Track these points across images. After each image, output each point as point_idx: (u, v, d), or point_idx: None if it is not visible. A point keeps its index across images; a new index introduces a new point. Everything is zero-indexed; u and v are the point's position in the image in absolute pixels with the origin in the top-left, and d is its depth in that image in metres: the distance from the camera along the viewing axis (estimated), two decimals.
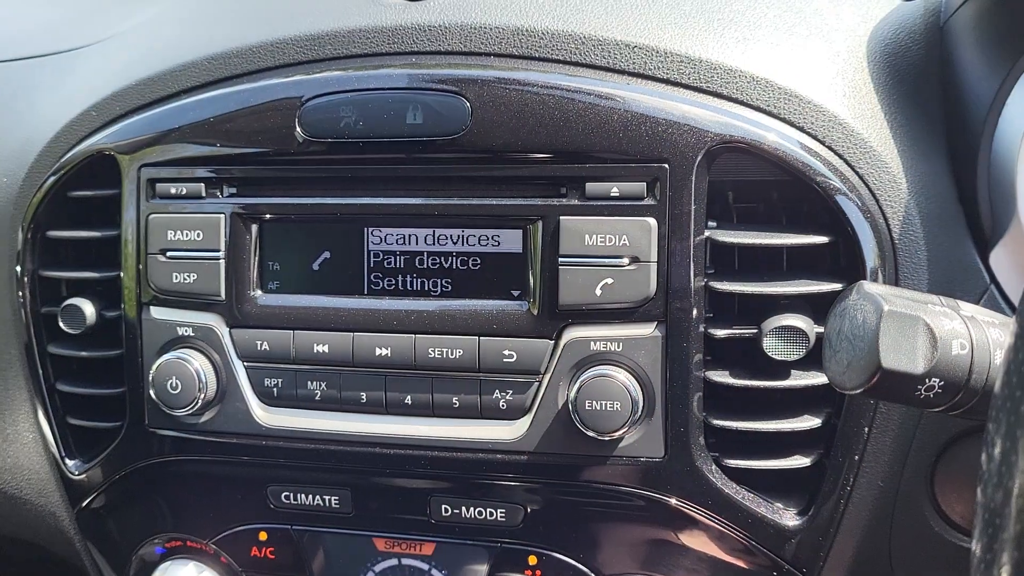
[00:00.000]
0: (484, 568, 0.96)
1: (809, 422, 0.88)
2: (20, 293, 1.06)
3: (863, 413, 0.87)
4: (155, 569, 1.05)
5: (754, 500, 0.89)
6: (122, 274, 1.00)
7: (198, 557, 1.04)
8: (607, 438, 0.87)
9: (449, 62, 0.92)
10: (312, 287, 0.95)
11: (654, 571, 0.92)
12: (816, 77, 0.89)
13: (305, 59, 0.96)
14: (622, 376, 0.86)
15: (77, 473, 1.08)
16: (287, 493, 0.99)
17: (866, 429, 0.88)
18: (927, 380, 0.66)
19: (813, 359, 0.86)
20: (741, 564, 0.91)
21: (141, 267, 0.98)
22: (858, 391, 0.67)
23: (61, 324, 1.03)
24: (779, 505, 0.90)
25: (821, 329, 0.85)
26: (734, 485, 0.89)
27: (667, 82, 0.88)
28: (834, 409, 0.89)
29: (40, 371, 1.08)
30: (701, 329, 0.87)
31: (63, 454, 1.09)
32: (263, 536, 1.01)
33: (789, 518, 0.89)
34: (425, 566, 0.99)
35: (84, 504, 1.09)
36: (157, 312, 0.99)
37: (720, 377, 0.88)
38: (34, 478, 1.13)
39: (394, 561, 1.00)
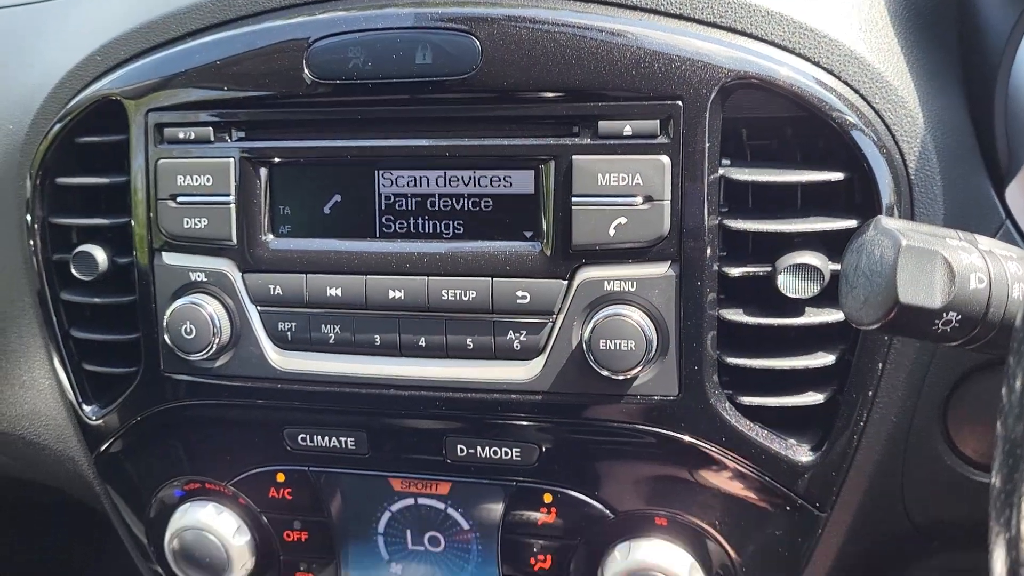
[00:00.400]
0: (500, 507, 0.98)
1: (823, 359, 0.88)
2: (31, 241, 1.06)
3: (877, 349, 0.88)
4: (174, 511, 1.06)
5: (768, 437, 0.90)
6: (132, 220, 1.00)
7: (217, 499, 1.05)
8: (621, 377, 0.87)
9: (457, 0, 0.90)
10: (323, 231, 0.95)
11: (668, 508, 0.93)
12: (831, 11, 0.87)
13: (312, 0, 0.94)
14: (636, 315, 0.86)
15: (94, 418, 1.09)
16: (303, 435, 1.00)
17: (880, 365, 0.88)
18: (944, 315, 0.65)
19: (827, 296, 0.86)
20: (755, 500, 0.91)
21: (151, 213, 0.98)
22: (875, 327, 0.66)
23: (73, 271, 1.03)
24: (792, 442, 0.90)
25: (836, 267, 0.84)
26: (748, 422, 0.89)
27: (680, 17, 0.87)
28: (848, 346, 0.89)
29: (54, 318, 1.08)
30: (715, 268, 0.87)
31: (80, 400, 1.09)
32: (280, 478, 1.02)
33: (802, 454, 0.90)
34: (441, 505, 1.01)
35: (102, 449, 1.10)
36: (169, 258, 0.99)
37: (734, 316, 0.87)
38: (52, 424, 1.14)
39: (410, 501, 1.01)
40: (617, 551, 0.94)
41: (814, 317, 0.87)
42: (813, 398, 0.89)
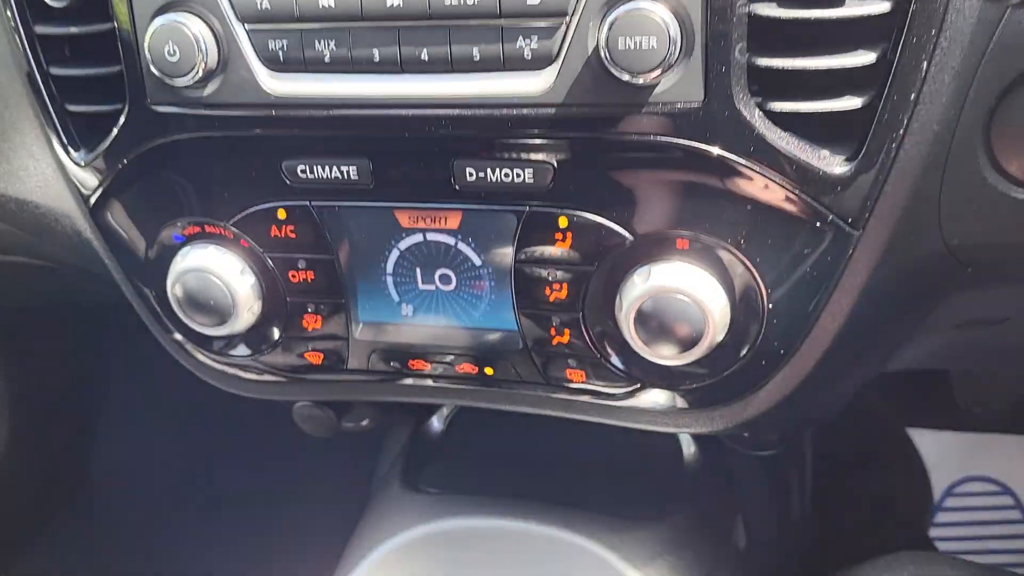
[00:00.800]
0: (512, 236, 0.93)
1: (863, 57, 0.80)
2: None
3: (923, 47, 0.80)
4: (175, 256, 1.02)
5: (799, 146, 0.83)
6: None
7: (218, 241, 1.01)
8: (641, 81, 0.80)
9: None
10: None
11: (690, 228, 0.88)
12: None
13: None
14: (659, 10, 0.78)
15: (83, 164, 1.03)
16: (303, 167, 0.94)
17: (925, 64, 0.80)
18: None
19: None
20: (783, 217, 0.86)
21: None
22: None
23: None
24: (826, 152, 0.84)
25: None
26: (779, 130, 0.83)
27: None
28: (890, 44, 0.81)
29: (30, 54, 1.00)
30: None
31: (66, 143, 1.04)
32: (282, 214, 0.97)
33: (837, 165, 0.84)
34: (451, 240, 0.96)
35: (95, 199, 1.05)
36: None
37: (767, 9, 0.79)
38: (42, 179, 1.08)
39: (419, 237, 0.97)
40: (636, 276, 0.89)
41: (855, 8, 0.79)
42: (850, 102, 0.82)
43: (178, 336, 1.13)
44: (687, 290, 0.87)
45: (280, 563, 1.75)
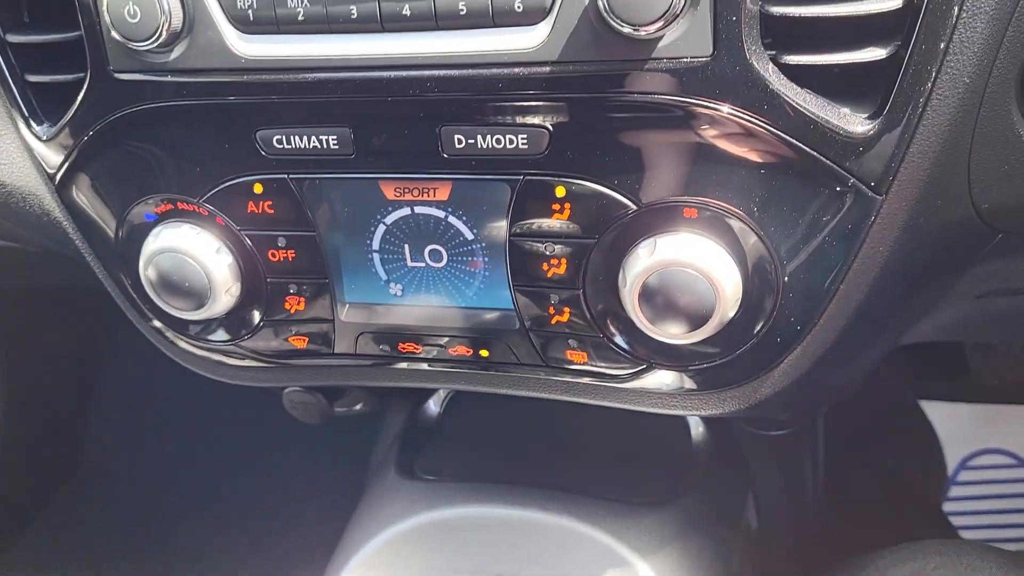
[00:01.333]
0: (506, 207, 0.86)
1: (889, 3, 0.73)
2: None
3: None
4: (146, 236, 0.95)
5: (817, 103, 0.76)
6: None
7: (192, 219, 0.94)
8: (643, 34, 0.72)
9: None
10: None
11: (699, 196, 0.81)
12: None
13: None
14: None
15: (46, 139, 0.97)
16: (279, 137, 0.87)
17: (956, 10, 0.73)
18: None
19: None
20: (800, 182, 0.79)
21: None
22: None
23: None
24: (846, 110, 0.77)
25: None
26: (795, 87, 0.76)
27: None
28: None
29: None
30: None
31: (27, 116, 0.97)
32: (258, 189, 0.91)
33: (858, 124, 0.77)
34: (441, 213, 0.89)
35: (60, 175, 0.98)
36: None
37: None
38: (5, 156, 1.02)
39: (406, 211, 0.90)
40: (641, 248, 0.82)
41: None
42: (874, 53, 0.75)
43: (156, 323, 1.06)
44: (696, 263, 0.81)
45: (275, 553, 1.70)
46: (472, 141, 0.82)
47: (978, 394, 2.21)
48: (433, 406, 1.41)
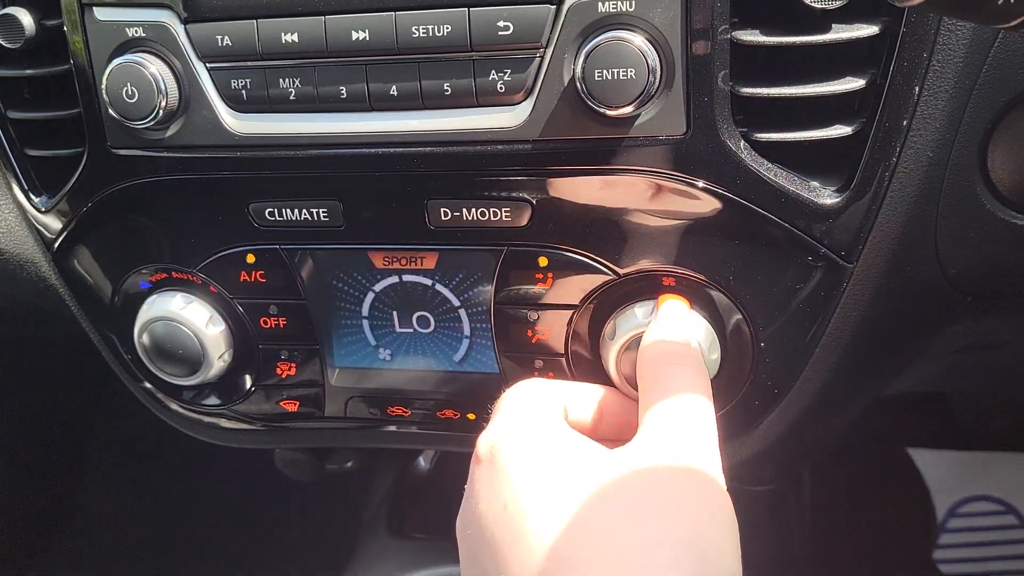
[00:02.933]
0: (491, 277, 0.89)
1: (852, 83, 0.77)
2: None
3: (914, 71, 0.76)
4: (141, 305, 0.98)
5: (788, 178, 0.79)
6: None
7: (185, 288, 0.97)
8: (620, 114, 0.76)
9: None
10: None
11: (676, 266, 0.84)
12: None
13: None
14: (636, 40, 0.74)
15: (44, 210, 0.99)
16: (271, 209, 0.90)
17: (916, 89, 0.77)
18: None
19: (857, 8, 0.74)
20: (774, 251, 0.82)
21: None
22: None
23: None
24: (816, 184, 0.80)
25: None
26: (765, 162, 0.79)
27: None
28: (879, 70, 0.77)
29: None
30: None
31: (27, 189, 0.99)
32: (251, 259, 0.93)
33: (827, 196, 0.80)
34: (428, 281, 0.92)
35: (57, 245, 1.01)
36: (101, 13, 0.86)
37: (750, 36, 0.76)
38: (3, 224, 1.04)
39: (394, 279, 0.93)
40: (621, 315, 0.85)
41: (842, 32, 0.75)
42: (840, 130, 0.78)
43: (147, 385, 1.08)
44: None
45: None
46: (458, 214, 0.85)
47: (966, 441, 2.22)
48: (423, 463, 1.43)
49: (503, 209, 0.84)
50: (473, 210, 0.85)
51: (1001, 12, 0.55)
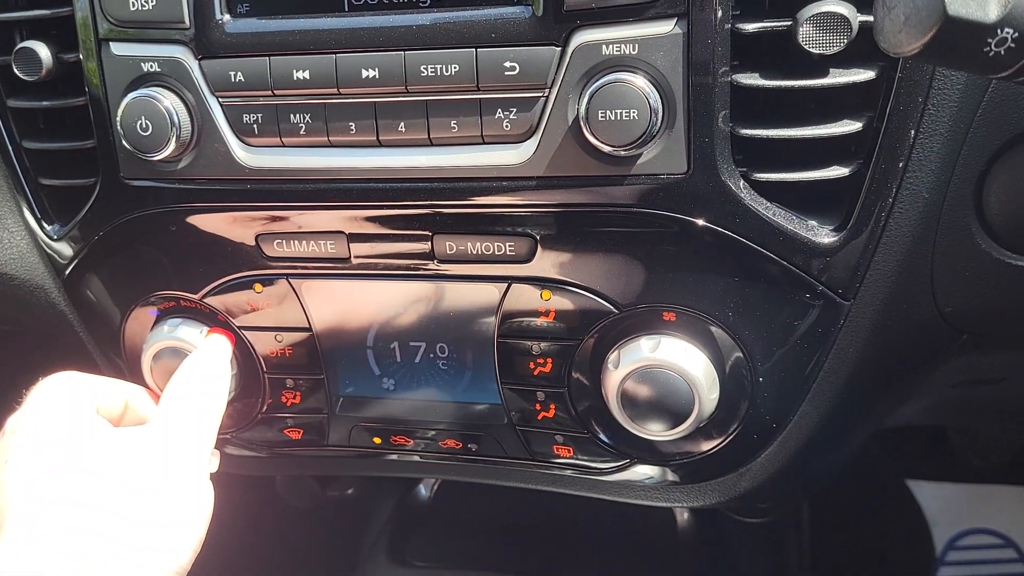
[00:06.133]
0: (494, 308, 0.90)
1: (849, 126, 0.79)
2: None
3: (910, 115, 0.78)
4: (149, 332, 0.99)
5: (786, 217, 0.81)
6: (76, 4, 0.89)
7: (193, 316, 0.98)
8: (623, 153, 0.78)
9: None
10: (286, 6, 0.84)
11: (677, 302, 0.86)
12: None
13: None
14: (639, 82, 0.76)
15: (56, 238, 1.01)
16: (279, 240, 0.92)
17: (912, 132, 0.79)
18: (999, 31, 0.55)
19: (854, 53, 0.76)
20: (773, 288, 0.84)
21: None
22: (916, 50, 0.57)
23: (16, 71, 0.93)
24: (814, 223, 0.82)
25: (865, 17, 0.74)
26: (764, 202, 0.81)
27: None
28: (876, 113, 0.79)
29: (3, 128, 0.99)
30: (727, 25, 0.77)
31: (39, 217, 1.01)
32: (258, 288, 0.95)
33: (825, 236, 0.82)
34: (433, 313, 0.93)
35: (68, 271, 1.03)
36: (118, 48, 0.89)
37: (749, 79, 0.78)
38: (16, 251, 1.06)
39: (400, 310, 0.94)
40: (622, 350, 0.87)
41: (839, 77, 0.77)
42: (837, 171, 0.80)
43: None
44: (674, 364, 0.85)
45: None
46: (463, 248, 0.87)
47: (965, 473, 2.22)
48: (423, 491, 1.44)
49: (507, 243, 0.86)
50: (478, 244, 0.87)
51: (992, 64, 0.57)
